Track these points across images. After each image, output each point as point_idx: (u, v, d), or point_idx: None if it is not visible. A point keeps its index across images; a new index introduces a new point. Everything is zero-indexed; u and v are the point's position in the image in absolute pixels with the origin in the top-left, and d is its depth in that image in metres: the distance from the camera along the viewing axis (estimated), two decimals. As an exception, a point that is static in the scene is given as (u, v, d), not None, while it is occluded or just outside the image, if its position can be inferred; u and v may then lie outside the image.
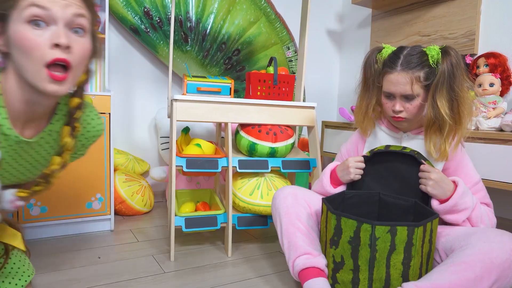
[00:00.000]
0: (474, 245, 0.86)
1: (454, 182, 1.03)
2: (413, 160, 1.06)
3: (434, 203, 1.02)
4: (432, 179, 1.00)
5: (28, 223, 1.56)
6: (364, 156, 1.14)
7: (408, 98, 1.08)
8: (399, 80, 1.07)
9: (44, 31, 0.69)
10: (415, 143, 1.15)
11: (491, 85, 1.69)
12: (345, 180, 1.14)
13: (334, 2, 2.76)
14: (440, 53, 1.07)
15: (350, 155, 1.29)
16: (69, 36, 0.70)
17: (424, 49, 1.09)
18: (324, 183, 1.18)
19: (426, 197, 1.04)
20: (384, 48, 1.17)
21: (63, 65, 0.71)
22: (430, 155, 1.09)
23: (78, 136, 0.93)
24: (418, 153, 1.07)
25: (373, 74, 1.17)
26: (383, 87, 1.13)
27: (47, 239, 1.59)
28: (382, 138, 1.21)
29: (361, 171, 1.13)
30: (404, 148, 1.09)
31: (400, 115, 1.10)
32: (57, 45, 0.68)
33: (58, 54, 0.69)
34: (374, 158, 1.13)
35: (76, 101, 0.86)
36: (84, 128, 0.93)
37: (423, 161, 1.05)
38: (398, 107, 1.09)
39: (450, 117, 1.03)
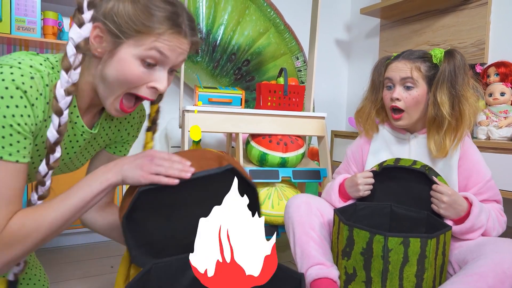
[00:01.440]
0: (486, 255, 0.86)
1: (466, 198, 1.01)
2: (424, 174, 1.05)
3: (449, 224, 1.00)
4: (445, 202, 0.98)
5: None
6: (373, 171, 1.13)
7: (407, 86, 1.11)
8: (399, 66, 1.12)
9: (151, 71, 0.72)
10: (423, 142, 1.15)
11: (502, 94, 1.69)
12: (354, 196, 1.14)
13: (343, 12, 2.78)
14: (443, 53, 1.11)
15: (355, 158, 1.28)
16: (167, 80, 0.75)
17: (430, 52, 1.14)
18: (333, 199, 1.17)
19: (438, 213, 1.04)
20: (393, 56, 1.21)
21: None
22: (431, 152, 1.10)
23: (124, 124, 0.97)
24: (430, 168, 1.05)
25: (379, 79, 1.21)
26: (384, 78, 1.18)
27: (60, 248, 1.62)
28: (389, 139, 1.22)
29: (371, 187, 1.13)
30: (415, 162, 1.07)
31: (398, 103, 1.11)
32: (153, 88, 0.73)
33: (149, 95, 0.74)
34: (384, 172, 1.12)
35: (155, 107, 0.91)
36: (129, 115, 0.97)
37: (434, 178, 1.03)
38: (396, 93, 1.11)
39: (450, 114, 1.05)
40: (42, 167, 0.73)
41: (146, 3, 0.70)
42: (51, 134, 0.71)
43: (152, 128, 0.93)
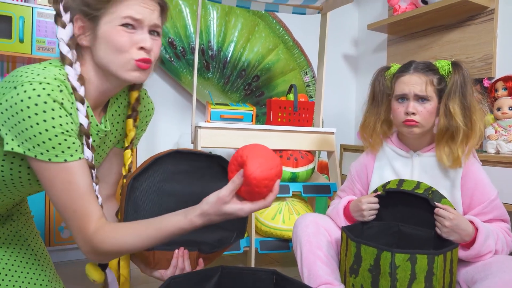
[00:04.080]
0: (494, 275, 0.87)
1: (472, 222, 1.00)
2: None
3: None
4: (447, 226, 0.97)
5: (59, 246, 1.64)
6: (377, 195, 1.12)
7: (421, 100, 1.10)
8: (413, 80, 1.10)
9: (133, 34, 0.79)
10: (426, 161, 1.13)
11: (511, 108, 1.70)
12: (359, 220, 1.13)
13: (350, 28, 2.83)
14: (450, 64, 1.11)
15: (360, 177, 1.26)
16: (151, 40, 0.82)
17: (435, 63, 1.14)
18: (339, 222, 1.17)
19: None
20: (392, 66, 1.21)
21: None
22: (443, 163, 1.08)
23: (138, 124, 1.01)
24: (434, 191, 1.05)
25: (382, 91, 1.19)
26: (395, 92, 1.14)
27: (77, 261, 1.66)
28: (392, 157, 1.19)
29: (376, 211, 1.11)
30: (418, 185, 1.07)
31: (414, 117, 1.09)
32: (142, 48, 0.80)
33: (143, 55, 0.80)
34: (388, 195, 1.11)
35: (135, 94, 0.96)
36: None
37: (437, 204, 1.02)
38: (411, 108, 1.09)
39: (464, 123, 1.06)
40: (87, 152, 0.80)
41: None
42: (83, 120, 0.78)
43: (132, 115, 0.96)
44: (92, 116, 0.85)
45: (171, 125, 2.30)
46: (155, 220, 0.77)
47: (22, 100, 0.70)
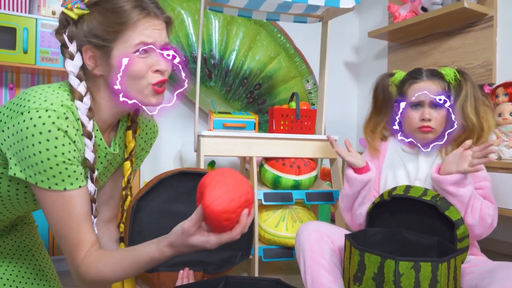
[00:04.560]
0: (497, 282, 0.87)
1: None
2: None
3: (435, 174, 1.08)
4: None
5: (63, 255, 1.64)
6: (383, 200, 1.13)
7: (436, 106, 1.14)
8: (429, 87, 1.14)
9: (147, 58, 0.79)
10: (431, 152, 1.19)
11: (512, 114, 1.71)
12: (353, 164, 1.18)
13: (351, 35, 2.85)
14: (456, 72, 1.16)
15: (372, 160, 1.31)
16: (165, 60, 0.82)
17: (440, 70, 1.19)
18: (347, 173, 1.22)
19: (448, 239, 1.04)
20: (395, 73, 1.24)
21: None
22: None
23: (138, 139, 1.00)
24: (441, 198, 1.06)
25: (386, 97, 1.24)
26: (409, 99, 1.17)
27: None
28: (400, 152, 1.25)
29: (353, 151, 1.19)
30: (425, 192, 1.08)
31: (430, 124, 1.13)
32: (158, 70, 0.80)
33: (159, 77, 0.81)
34: (395, 200, 1.12)
35: None
36: (143, 131, 1.01)
37: (443, 210, 1.04)
38: (427, 114, 1.12)
39: (477, 126, 1.11)
40: (91, 186, 0.81)
41: (110, 6, 0.78)
42: (90, 155, 0.80)
43: (132, 126, 0.95)
44: (101, 139, 0.86)
45: (174, 133, 2.31)
46: (131, 250, 0.76)
47: (27, 128, 0.71)
